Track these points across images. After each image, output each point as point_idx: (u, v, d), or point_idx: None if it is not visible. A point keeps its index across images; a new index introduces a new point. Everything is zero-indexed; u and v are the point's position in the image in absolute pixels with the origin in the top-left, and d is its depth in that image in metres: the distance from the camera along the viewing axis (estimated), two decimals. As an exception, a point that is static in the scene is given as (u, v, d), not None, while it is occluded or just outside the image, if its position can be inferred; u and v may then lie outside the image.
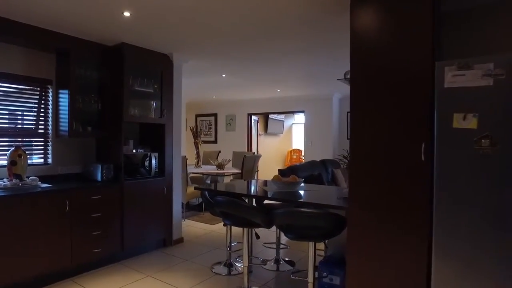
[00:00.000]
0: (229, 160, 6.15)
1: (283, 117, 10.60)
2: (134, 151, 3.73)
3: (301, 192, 2.86)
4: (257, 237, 2.61)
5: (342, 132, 7.64)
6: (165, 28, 3.05)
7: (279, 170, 4.68)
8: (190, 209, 5.97)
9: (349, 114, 7.76)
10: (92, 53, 3.39)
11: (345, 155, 7.17)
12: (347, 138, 7.57)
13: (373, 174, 2.03)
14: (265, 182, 3.58)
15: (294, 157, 10.92)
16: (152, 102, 3.80)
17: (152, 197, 3.73)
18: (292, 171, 4.64)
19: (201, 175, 5.72)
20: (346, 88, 6.81)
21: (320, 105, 7.46)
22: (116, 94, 3.48)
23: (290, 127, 11.49)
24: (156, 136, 3.95)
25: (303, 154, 11.06)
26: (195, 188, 2.99)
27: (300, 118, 11.59)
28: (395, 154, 1.96)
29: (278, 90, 6.82)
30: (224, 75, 5.21)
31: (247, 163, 5.44)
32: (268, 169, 9.48)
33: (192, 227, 4.90)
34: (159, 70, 3.83)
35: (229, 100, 8.67)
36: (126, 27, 3.00)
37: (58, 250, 2.86)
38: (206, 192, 2.88)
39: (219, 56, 4.09)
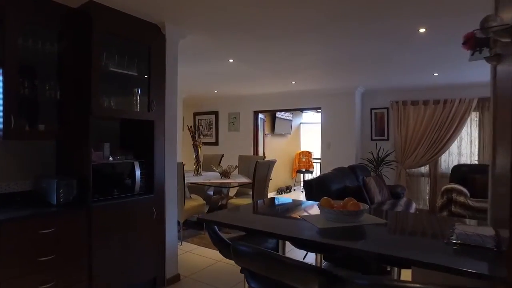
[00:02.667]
0: (236, 167, 5.08)
1: (291, 115, 9.54)
2: (110, 158, 2.65)
3: (364, 225, 1.79)
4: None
5: (365, 132, 6.58)
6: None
7: (305, 182, 3.61)
8: (189, 226, 4.88)
9: (373, 111, 6.73)
10: (45, 15, 2.30)
11: (371, 159, 6.11)
12: (371, 139, 6.52)
13: None
14: (301, 206, 2.50)
15: (303, 160, 9.86)
16: (136, 89, 2.72)
17: (137, 223, 2.65)
18: (321, 183, 3.58)
19: (202, 185, 4.65)
20: (370, 81, 5.75)
21: (340, 101, 6.39)
22: (81, 77, 2.39)
23: (298, 127, 10.44)
24: (142, 138, 2.87)
25: (313, 156, 10.02)
26: (198, 220, 1.92)
27: (308, 117, 10.56)
28: None
29: (293, 82, 5.75)
30: (231, 60, 4.13)
31: (260, 171, 4.38)
32: (274, 173, 8.40)
33: (191, 255, 3.81)
34: (146, 45, 2.76)
35: (232, 96, 7.59)
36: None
37: (-23, 321, 1.77)
38: (216, 227, 1.81)
39: (227, 30, 3.02)
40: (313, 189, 3.51)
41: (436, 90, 5.78)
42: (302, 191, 9.55)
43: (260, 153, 7.84)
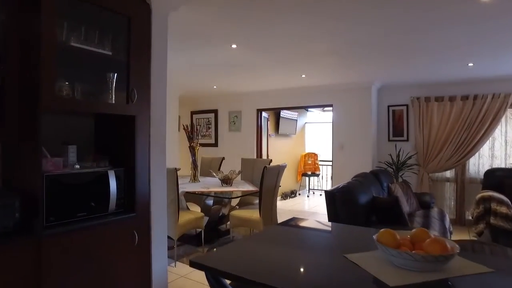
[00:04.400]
0: (239, 172, 4.40)
1: (296, 115, 8.89)
2: (77, 166, 1.97)
3: (457, 277, 1.12)
4: None
5: (381, 132, 5.91)
6: None
7: (327, 194, 2.94)
8: (184, 241, 4.19)
9: (391, 108, 6.05)
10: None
11: (390, 162, 5.44)
12: (389, 140, 5.85)
13: None
14: (337, 235, 1.83)
15: (309, 162, 9.21)
16: (110, 74, 2.03)
17: (111, 253, 1.97)
18: (347, 195, 2.91)
19: (200, 194, 3.97)
20: (389, 74, 5.08)
21: (355, 97, 5.73)
22: (29, 54, 1.71)
23: (303, 127, 9.78)
24: (120, 139, 2.20)
25: (319, 158, 9.37)
26: (191, 265, 1.24)
27: (314, 116, 9.92)
28: None
29: (303, 76, 5.08)
30: (234, 46, 3.46)
31: (269, 178, 3.70)
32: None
33: (187, 282, 3.13)
34: (124, 17, 2.08)
35: (233, 93, 6.92)
36: None
37: None
38: (223, 281, 1.14)
39: (231, 2, 2.35)
40: (337, 202, 2.84)
41: (465, 84, 5.12)
42: (308, 196, 8.88)
43: (264, 155, 7.17)
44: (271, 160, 4.85)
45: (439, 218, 3.72)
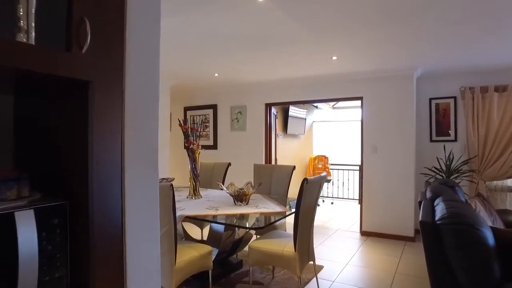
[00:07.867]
0: (259, 184, 3.22)
1: (305, 112, 7.79)
2: None
3: None
4: None
5: (421, 131, 4.83)
6: None
7: (425, 225, 1.79)
8: (186, 283, 2.98)
9: (433, 102, 4.68)
10: None
11: (439, 168, 4.35)
12: (431, 140, 4.78)
13: None
14: None
15: (319, 166, 8.10)
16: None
17: None
18: (464, 227, 1.76)
19: (204, 220, 2.75)
20: (436, 58, 4.00)
21: (391, 88, 4.64)
22: None
23: (311, 126, 8.69)
24: (58, 136, 1.01)
25: (329, 162, 8.29)
26: None
27: (322, 114, 8.84)
28: None
29: (334, 58, 3.95)
30: (261, -3, 2.30)
31: (309, 194, 2.54)
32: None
33: None
34: None
35: (237, 83, 5.74)
36: None
37: None
38: None
39: None
40: (447, 241, 1.69)
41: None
42: (318, 205, 7.77)
43: (273, 159, 6.01)
44: (294, 166, 3.71)
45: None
